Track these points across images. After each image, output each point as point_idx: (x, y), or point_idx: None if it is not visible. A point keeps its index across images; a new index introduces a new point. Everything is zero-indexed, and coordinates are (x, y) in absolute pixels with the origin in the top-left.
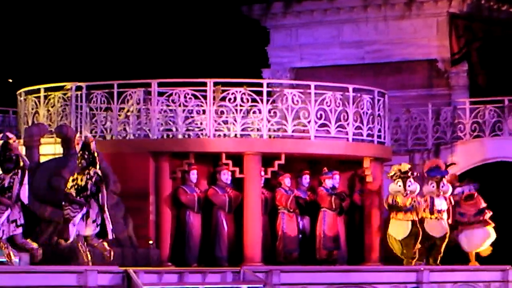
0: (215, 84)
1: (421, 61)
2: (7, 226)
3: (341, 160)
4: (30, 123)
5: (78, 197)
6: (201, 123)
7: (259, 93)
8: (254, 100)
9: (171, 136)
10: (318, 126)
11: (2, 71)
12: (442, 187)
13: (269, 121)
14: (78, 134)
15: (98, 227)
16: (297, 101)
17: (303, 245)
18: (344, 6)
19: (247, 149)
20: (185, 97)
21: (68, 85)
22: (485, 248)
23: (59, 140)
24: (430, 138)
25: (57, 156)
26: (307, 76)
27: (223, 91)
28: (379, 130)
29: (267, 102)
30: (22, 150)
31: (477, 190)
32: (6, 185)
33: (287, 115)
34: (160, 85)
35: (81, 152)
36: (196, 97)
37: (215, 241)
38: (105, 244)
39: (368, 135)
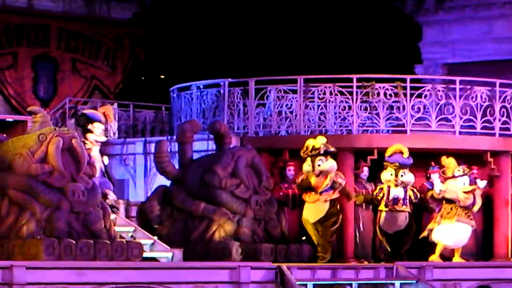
0: (305, 81)
1: None
2: None
3: (458, 154)
4: (182, 120)
5: None
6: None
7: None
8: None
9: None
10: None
11: (155, 68)
12: (402, 176)
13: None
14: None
15: None
16: (390, 95)
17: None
18: (496, 1)
19: (338, 145)
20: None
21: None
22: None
23: (212, 136)
24: None
25: (210, 153)
26: (459, 72)
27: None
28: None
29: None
30: (175, 146)
31: None
32: None
33: (379, 109)
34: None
35: None
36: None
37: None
38: None
39: (483, 127)
